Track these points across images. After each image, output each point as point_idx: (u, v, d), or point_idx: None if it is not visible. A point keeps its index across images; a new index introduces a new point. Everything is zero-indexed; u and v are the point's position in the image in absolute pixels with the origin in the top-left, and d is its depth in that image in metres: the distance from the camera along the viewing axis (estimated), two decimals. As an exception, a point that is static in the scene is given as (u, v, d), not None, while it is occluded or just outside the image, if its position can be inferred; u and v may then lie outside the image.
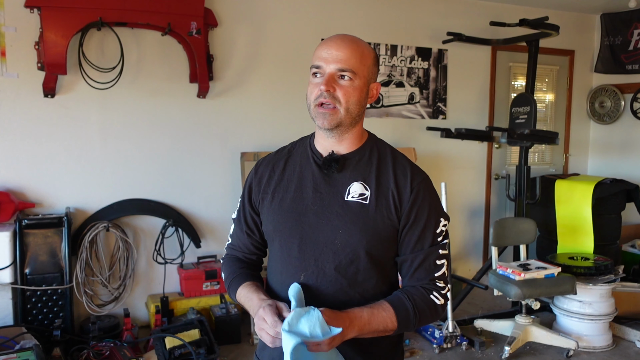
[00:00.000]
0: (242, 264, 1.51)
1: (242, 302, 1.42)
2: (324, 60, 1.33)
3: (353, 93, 1.33)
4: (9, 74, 3.58)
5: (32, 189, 3.71)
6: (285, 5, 4.34)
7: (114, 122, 3.90)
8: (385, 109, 4.78)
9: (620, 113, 5.51)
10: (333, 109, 1.32)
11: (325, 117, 1.33)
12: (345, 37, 1.36)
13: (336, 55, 1.32)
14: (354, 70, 1.32)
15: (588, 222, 4.27)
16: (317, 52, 1.36)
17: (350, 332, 1.26)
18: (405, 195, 1.36)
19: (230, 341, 3.76)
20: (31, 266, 3.48)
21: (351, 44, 1.34)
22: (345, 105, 1.33)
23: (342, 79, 1.32)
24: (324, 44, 1.36)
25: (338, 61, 1.31)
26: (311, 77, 1.36)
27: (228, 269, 1.51)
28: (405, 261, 1.39)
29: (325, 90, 1.31)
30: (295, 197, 1.39)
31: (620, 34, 5.40)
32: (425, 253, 1.37)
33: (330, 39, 1.36)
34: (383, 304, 1.32)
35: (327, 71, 1.32)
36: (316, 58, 1.35)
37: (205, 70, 3.89)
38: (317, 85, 1.33)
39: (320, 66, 1.33)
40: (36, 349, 2.94)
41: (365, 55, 1.35)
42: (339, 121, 1.34)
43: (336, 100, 1.32)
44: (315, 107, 1.34)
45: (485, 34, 4.88)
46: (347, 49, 1.32)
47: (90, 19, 3.51)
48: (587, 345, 3.74)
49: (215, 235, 4.23)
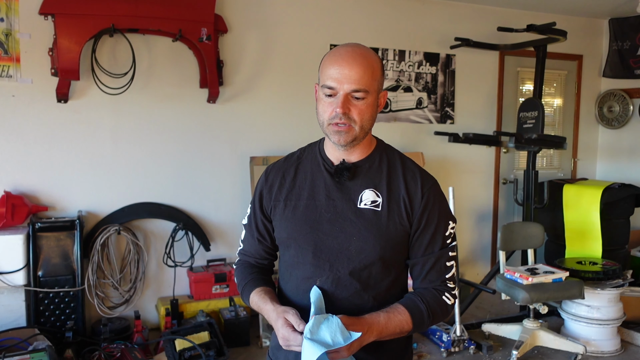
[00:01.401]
0: (254, 270, 1.53)
1: (255, 307, 1.45)
2: (337, 81, 1.31)
3: (367, 110, 1.34)
4: (24, 79, 3.65)
5: (45, 193, 3.77)
6: (295, 12, 4.39)
7: (126, 127, 3.95)
8: (394, 114, 4.80)
9: (629, 117, 5.50)
10: (348, 127, 1.33)
11: (341, 135, 1.34)
12: (355, 52, 1.33)
13: (349, 75, 1.30)
14: (367, 89, 1.32)
15: (596, 226, 4.26)
16: (328, 70, 1.33)
17: (369, 337, 1.29)
18: (417, 200, 1.39)
19: (239, 344, 3.79)
20: (44, 268, 3.53)
21: (362, 60, 1.31)
22: (360, 124, 1.34)
23: (356, 99, 1.32)
24: (334, 61, 1.33)
25: (352, 81, 1.30)
26: (322, 95, 1.35)
27: (241, 274, 1.54)
28: (416, 264, 1.42)
29: (342, 113, 1.31)
30: (308, 205, 1.41)
31: (629, 38, 5.40)
32: (436, 256, 1.41)
33: (340, 55, 1.33)
34: (398, 307, 1.36)
35: (341, 92, 1.31)
36: (328, 78, 1.32)
37: (215, 76, 3.94)
38: (331, 105, 1.33)
39: (334, 87, 1.31)
40: (49, 350, 2.98)
41: (376, 70, 1.34)
42: (354, 137, 1.35)
43: (351, 120, 1.33)
44: (329, 125, 1.35)
45: (493, 39, 4.90)
46: (359, 67, 1.30)
47: (102, 25, 3.57)
48: (595, 349, 3.74)
49: (224, 239, 4.27)
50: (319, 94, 1.36)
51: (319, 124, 1.38)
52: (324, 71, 1.34)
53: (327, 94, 1.33)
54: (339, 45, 1.39)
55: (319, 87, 1.37)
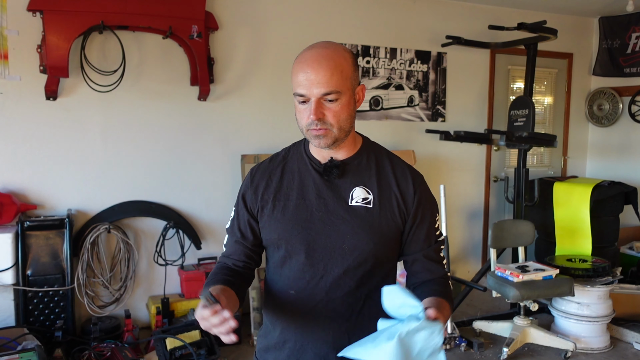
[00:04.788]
0: (225, 271, 1.43)
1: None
2: (306, 88, 1.28)
3: (342, 111, 1.31)
4: (11, 76, 3.61)
5: (34, 191, 3.73)
6: (286, 9, 4.37)
7: (116, 125, 3.92)
8: (385, 112, 4.80)
9: (619, 116, 5.54)
10: (325, 130, 1.31)
11: (320, 139, 1.33)
12: (320, 55, 1.29)
13: (316, 79, 1.27)
14: (339, 90, 1.29)
15: (586, 224, 4.29)
16: (296, 77, 1.30)
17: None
18: (409, 197, 1.41)
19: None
20: (33, 267, 3.50)
21: (328, 62, 1.28)
22: (338, 125, 1.32)
23: (329, 101, 1.29)
24: (300, 68, 1.30)
25: (321, 85, 1.27)
26: (296, 102, 1.33)
27: (210, 274, 1.44)
28: (416, 260, 1.44)
29: (316, 120, 1.29)
30: (298, 205, 1.39)
31: (619, 37, 5.43)
32: (433, 249, 1.44)
33: (305, 60, 1.30)
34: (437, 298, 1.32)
35: (313, 99, 1.29)
36: (297, 85, 1.30)
37: (206, 73, 3.92)
38: (306, 112, 1.31)
39: (304, 94, 1.29)
40: (38, 350, 2.95)
41: (345, 68, 1.31)
42: (334, 140, 1.34)
43: (327, 124, 1.31)
44: (308, 131, 1.33)
45: (484, 37, 4.91)
46: (326, 70, 1.27)
47: (92, 22, 3.54)
48: (585, 346, 3.76)
49: (215, 237, 4.25)
50: (294, 101, 1.34)
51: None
52: (294, 78, 1.32)
53: (300, 100, 1.32)
54: (305, 48, 1.35)
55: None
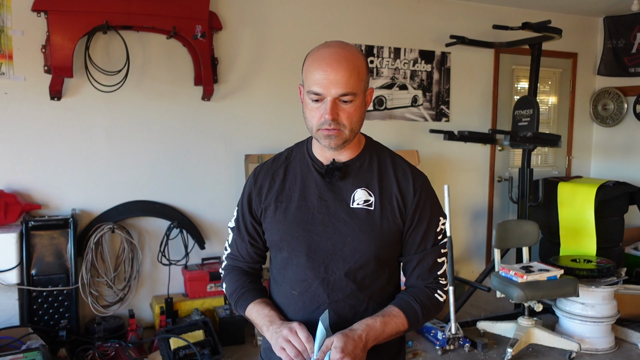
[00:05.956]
0: (248, 278, 1.49)
1: (253, 318, 1.41)
2: (323, 87, 1.27)
3: (355, 113, 1.31)
4: (16, 77, 3.62)
5: (39, 191, 3.74)
6: (289, 9, 4.37)
7: (120, 125, 3.93)
8: (389, 112, 4.80)
9: (623, 116, 5.52)
10: (338, 131, 1.31)
11: (331, 139, 1.32)
12: (339, 55, 1.28)
13: (335, 80, 1.26)
14: (355, 92, 1.28)
15: (591, 224, 4.28)
16: (312, 74, 1.29)
17: (369, 344, 1.29)
18: (409, 198, 1.39)
19: (234, 342, 3.78)
20: (37, 267, 3.51)
21: (347, 63, 1.27)
22: (350, 127, 1.31)
23: (344, 102, 1.29)
24: (318, 65, 1.28)
25: (339, 86, 1.26)
26: (308, 100, 1.31)
27: (234, 282, 1.49)
28: (409, 262, 1.42)
29: (331, 120, 1.28)
30: (300, 206, 1.39)
31: (624, 37, 5.41)
32: (428, 253, 1.41)
33: (324, 59, 1.28)
34: (393, 309, 1.36)
35: (329, 98, 1.28)
36: (313, 83, 1.28)
37: (209, 73, 3.92)
38: (319, 111, 1.30)
39: (320, 93, 1.28)
40: (42, 349, 2.97)
41: (361, 70, 1.30)
42: (344, 140, 1.33)
43: (341, 124, 1.30)
44: (319, 130, 1.32)
45: (488, 37, 4.90)
46: (344, 70, 1.26)
47: (96, 22, 3.54)
48: (589, 347, 3.75)
49: (219, 237, 4.25)
50: (305, 98, 1.33)
51: (307, 129, 1.36)
52: (309, 75, 1.30)
53: (314, 99, 1.30)
54: (320, 46, 1.34)
55: (304, 91, 1.33)
